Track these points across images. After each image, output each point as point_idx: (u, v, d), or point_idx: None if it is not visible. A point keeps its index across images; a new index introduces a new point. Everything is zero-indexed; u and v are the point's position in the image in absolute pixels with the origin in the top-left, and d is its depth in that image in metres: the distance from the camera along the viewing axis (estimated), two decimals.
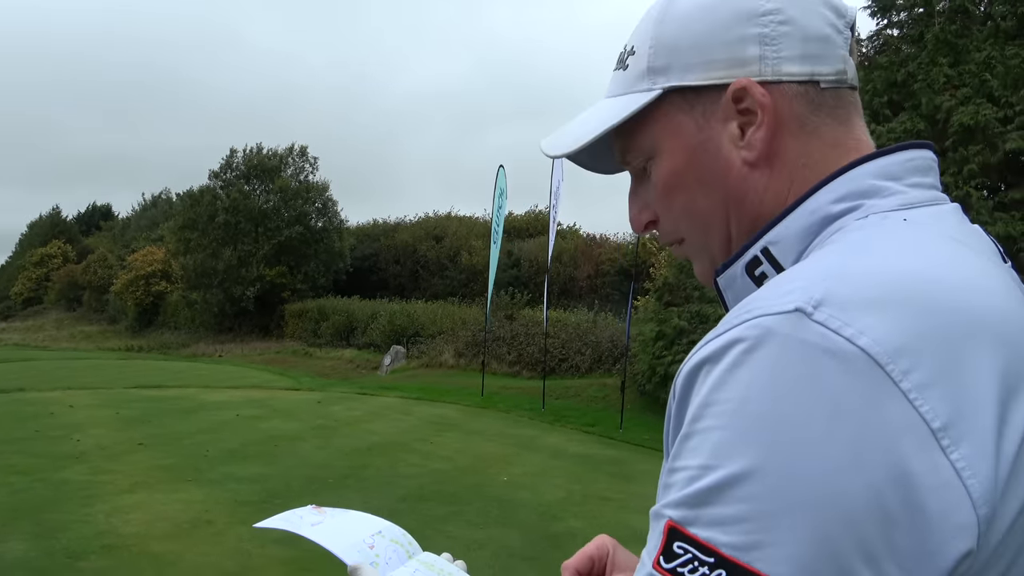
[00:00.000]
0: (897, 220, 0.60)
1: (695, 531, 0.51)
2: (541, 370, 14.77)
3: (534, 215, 31.23)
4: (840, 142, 0.67)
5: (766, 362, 0.51)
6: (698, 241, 0.73)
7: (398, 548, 0.96)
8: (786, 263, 0.64)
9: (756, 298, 0.56)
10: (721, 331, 0.56)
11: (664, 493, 0.55)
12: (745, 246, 0.67)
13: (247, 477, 6.83)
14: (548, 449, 9.14)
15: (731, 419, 0.51)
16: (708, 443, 0.51)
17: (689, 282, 12.61)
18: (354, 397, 13.30)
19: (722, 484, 0.50)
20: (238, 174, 30.72)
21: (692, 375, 0.56)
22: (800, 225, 0.64)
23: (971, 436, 0.49)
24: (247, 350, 24.87)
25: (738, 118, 0.67)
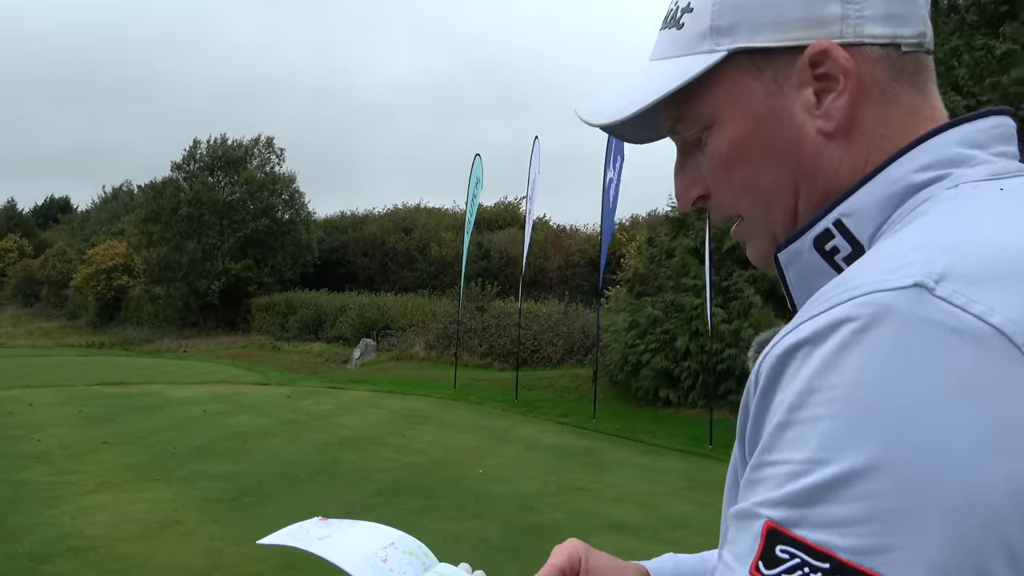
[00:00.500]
0: (993, 190, 0.55)
1: (803, 533, 0.45)
2: (513, 361, 14.75)
3: (503, 206, 31.19)
4: (918, 111, 0.62)
5: (885, 343, 0.45)
6: (759, 218, 0.67)
7: (413, 560, 0.90)
8: (862, 237, 0.59)
9: (860, 273, 0.50)
10: (820, 309, 0.49)
11: (751, 490, 0.49)
12: (815, 218, 0.61)
13: (217, 474, 6.68)
14: (522, 440, 9.12)
15: (844, 407, 0.45)
16: (815, 434, 0.46)
17: (661, 272, 12.68)
18: (324, 391, 13.14)
19: (837, 480, 0.44)
20: (202, 166, 30.15)
21: (784, 359, 0.50)
22: (880, 195, 0.58)
23: None
24: (213, 345, 24.46)
25: (814, 84, 0.61)
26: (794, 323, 0.51)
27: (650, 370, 11.66)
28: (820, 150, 0.62)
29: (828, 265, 0.60)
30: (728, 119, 0.64)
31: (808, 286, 0.61)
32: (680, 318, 11.67)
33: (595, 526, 5.62)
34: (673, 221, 13.39)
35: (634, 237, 20.05)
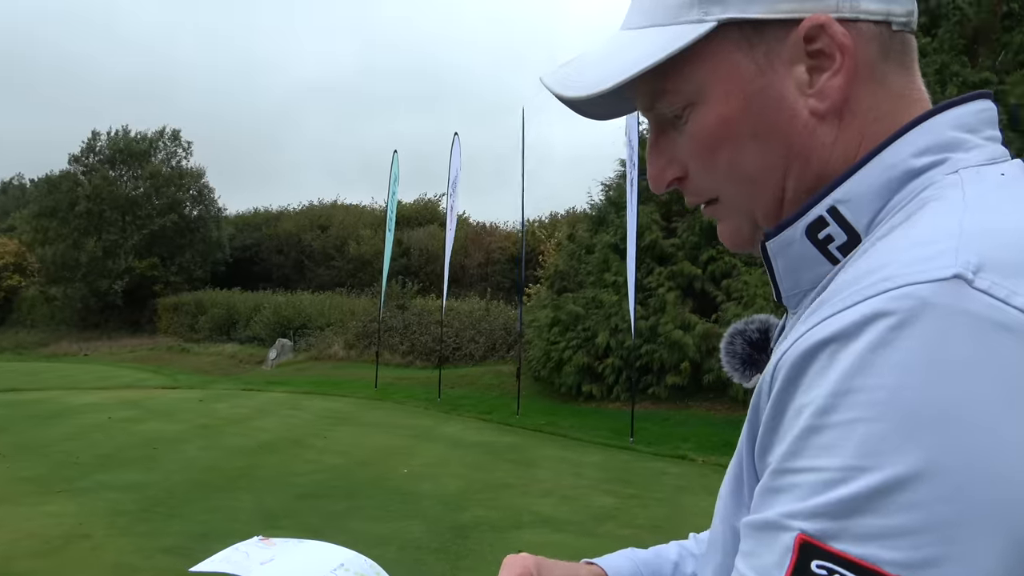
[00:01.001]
0: (995, 175, 0.54)
1: (843, 547, 0.42)
2: (436, 359, 14.65)
3: (423, 203, 30.90)
4: (906, 92, 0.60)
5: (926, 340, 0.42)
6: (741, 202, 0.62)
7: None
8: (859, 225, 0.55)
9: (889, 262, 0.47)
10: (847, 304, 0.46)
11: (772, 498, 0.46)
12: (807, 205, 0.57)
13: (125, 485, 6.33)
14: (446, 439, 9.06)
15: (885, 410, 0.42)
16: (853, 439, 0.42)
17: (582, 268, 12.85)
18: (239, 394, 12.67)
19: (880, 489, 0.41)
20: (102, 159, 28.51)
21: (808, 357, 0.46)
22: (877, 181, 0.55)
23: None
24: (116, 348, 23.20)
25: (807, 61, 0.58)
26: (820, 318, 0.48)
27: (572, 366, 11.81)
28: (813, 131, 0.58)
29: (821, 255, 0.57)
30: (715, 96, 0.60)
31: (797, 277, 0.59)
32: (600, 314, 11.86)
33: (523, 521, 5.63)
34: (593, 218, 13.60)
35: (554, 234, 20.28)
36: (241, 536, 3.78)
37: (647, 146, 0.67)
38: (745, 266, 10.59)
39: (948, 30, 10.27)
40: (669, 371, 10.96)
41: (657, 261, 11.62)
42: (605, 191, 13.49)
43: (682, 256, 11.36)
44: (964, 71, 9.90)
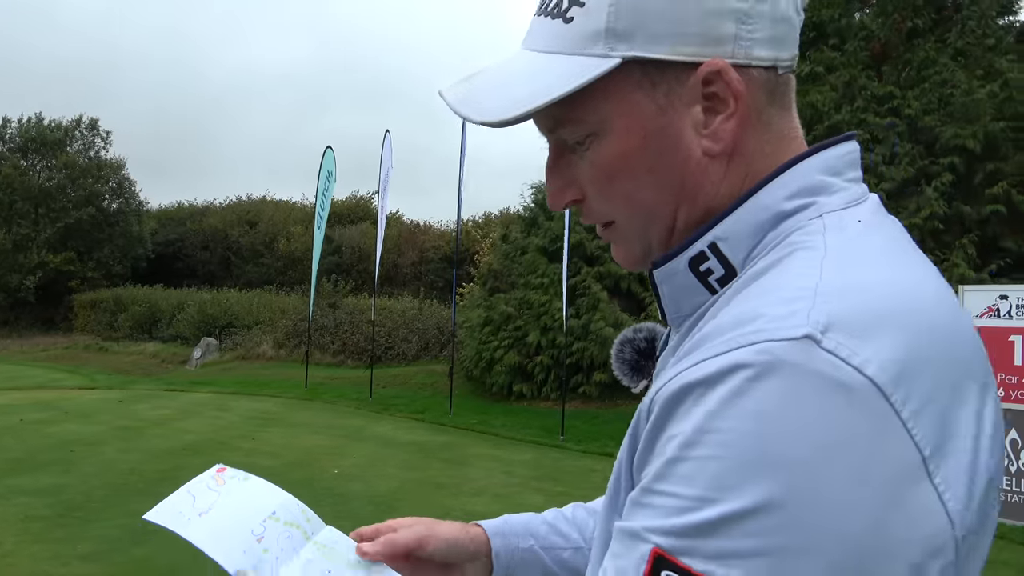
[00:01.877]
0: (853, 222, 0.59)
1: (690, 562, 0.48)
2: (367, 359, 14.51)
3: (355, 201, 30.51)
4: (786, 132, 0.64)
5: (776, 393, 0.48)
6: (635, 228, 0.66)
7: (293, 532, 0.86)
8: (735, 260, 0.60)
9: (755, 315, 0.53)
10: (717, 351, 0.51)
11: (638, 511, 0.53)
12: (690, 239, 0.62)
13: (38, 489, 6.08)
14: (378, 439, 9.02)
15: (736, 451, 0.48)
16: (706, 473, 0.49)
17: (515, 269, 12.97)
18: (161, 394, 12.28)
19: (726, 519, 0.47)
20: (12, 147, 27.06)
21: (680, 396, 0.52)
22: (752, 221, 0.60)
23: (949, 460, 0.50)
24: (28, 346, 22.06)
25: (703, 103, 0.60)
26: (692, 361, 0.53)
27: (504, 365, 11.91)
28: (704, 170, 0.62)
29: (702, 285, 0.62)
30: (616, 130, 0.62)
31: (680, 303, 0.64)
32: (531, 314, 12.01)
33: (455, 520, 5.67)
34: (525, 219, 13.73)
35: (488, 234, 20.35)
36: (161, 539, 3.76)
37: (546, 166, 0.69)
38: None
39: (856, 45, 10.83)
40: (598, 368, 11.18)
41: (585, 261, 11.84)
42: (535, 194, 13.66)
43: (609, 257, 11.59)
44: (871, 84, 10.46)
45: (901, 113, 10.24)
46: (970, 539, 0.53)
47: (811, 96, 10.31)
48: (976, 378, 0.56)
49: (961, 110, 9.67)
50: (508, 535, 0.93)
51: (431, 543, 0.88)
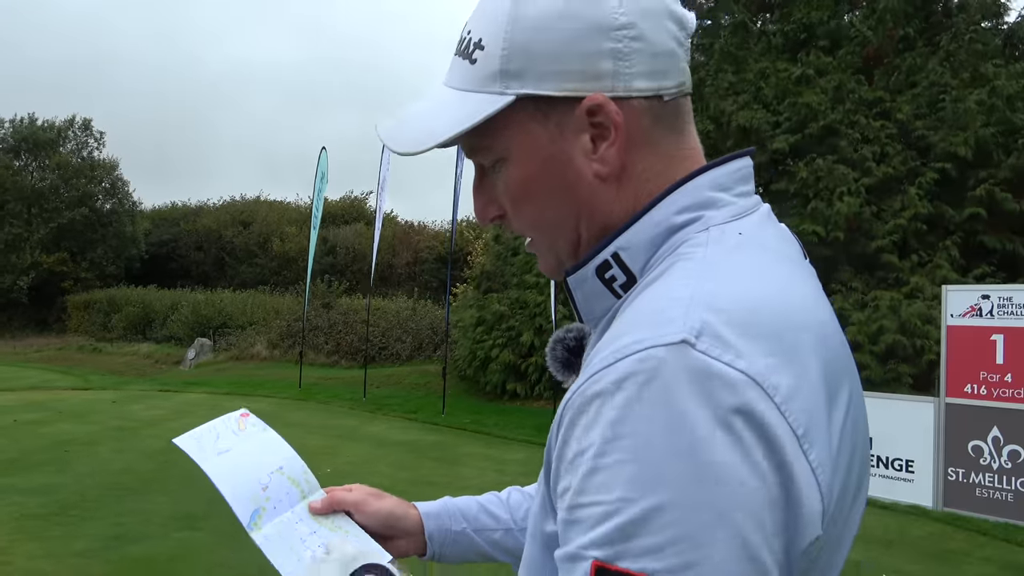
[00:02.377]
0: (734, 234, 0.66)
1: (626, 565, 0.53)
2: (361, 359, 14.55)
3: (350, 201, 30.52)
4: (675, 152, 0.71)
5: (663, 393, 0.54)
6: (547, 243, 0.74)
7: (292, 489, 0.96)
8: (635, 268, 0.68)
9: (638, 325, 0.59)
10: (608, 363, 0.57)
11: (571, 530, 0.57)
12: (596, 249, 0.69)
13: (33, 488, 6.12)
14: (371, 438, 9.08)
15: (641, 452, 0.53)
16: (621, 477, 0.54)
17: (507, 269, 13.04)
18: (155, 395, 12.31)
19: (646, 515, 0.52)
20: (5, 147, 26.99)
21: (583, 407, 0.58)
22: (647, 235, 0.67)
23: (818, 439, 0.57)
24: (21, 347, 22.04)
25: (590, 130, 0.68)
26: (590, 371, 0.59)
27: (498, 364, 11.98)
28: (596, 191, 0.69)
29: (607, 290, 0.69)
30: (517, 158, 0.70)
31: (592, 305, 0.71)
32: (524, 314, 12.08)
33: None
34: None
35: (481, 235, 20.39)
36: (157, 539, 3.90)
37: (472, 186, 0.77)
38: None
39: (848, 51, 10.94)
40: None
41: None
42: None
43: None
44: (860, 89, 10.57)
45: (892, 117, 10.34)
46: (837, 516, 0.60)
47: (806, 96, 10.41)
48: (840, 372, 0.64)
49: (952, 117, 9.78)
50: (442, 517, 1.01)
51: (369, 508, 0.98)
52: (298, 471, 0.99)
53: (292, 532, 0.92)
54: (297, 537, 0.92)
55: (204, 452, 0.96)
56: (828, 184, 9.90)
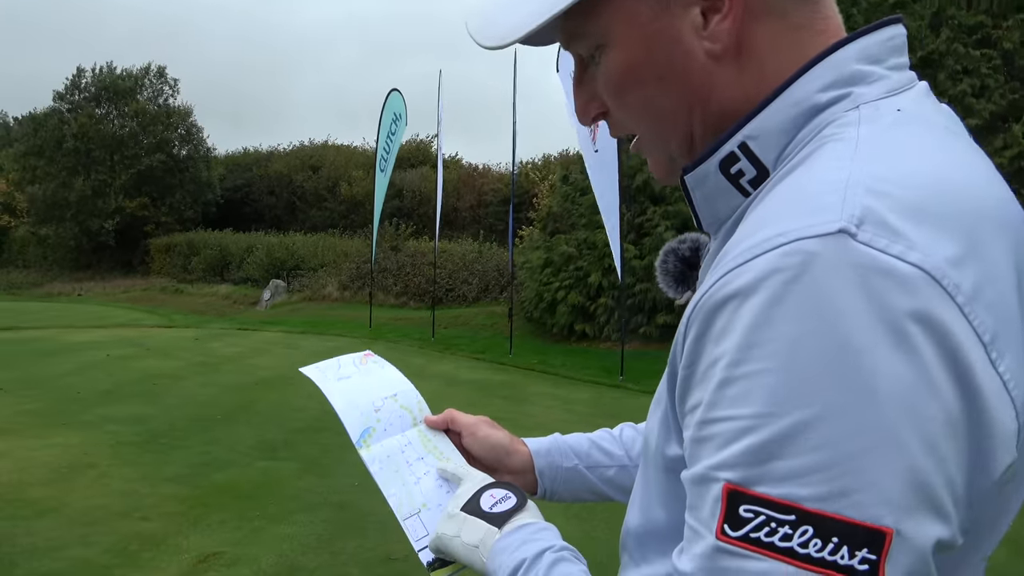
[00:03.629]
0: (891, 111, 0.57)
1: (765, 490, 0.46)
2: (429, 300, 14.77)
3: (415, 144, 30.57)
4: (808, 24, 0.61)
5: (816, 292, 0.46)
6: (655, 138, 0.66)
7: (404, 414, 0.97)
8: (767, 160, 0.58)
9: (781, 216, 0.50)
10: (746, 258, 0.49)
11: (700, 448, 0.50)
12: (720, 140, 0.60)
13: (126, 418, 6.49)
14: (441, 377, 9.24)
15: (787, 360, 0.46)
16: (761, 389, 0.46)
17: (575, 210, 12.87)
18: (234, 333, 12.80)
19: (791, 432, 0.45)
20: (87, 96, 27.96)
21: (715, 311, 0.50)
22: (783, 117, 0.58)
23: (1011, 346, 0.48)
24: (110, 288, 23.24)
25: (700, 2, 0.59)
26: (722, 271, 0.51)
27: (566, 306, 11.95)
28: (711, 73, 0.61)
29: (734, 188, 0.60)
30: (619, 40, 0.62)
31: (714, 207, 0.62)
32: (592, 255, 11.95)
33: None
34: None
35: (547, 176, 20.18)
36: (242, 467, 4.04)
37: (572, 83, 0.70)
38: None
39: None
40: (661, 310, 11.11)
41: (651, 200, 11.66)
42: None
43: (678, 196, 11.40)
44: (960, 14, 9.79)
45: (996, 45, 9.57)
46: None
47: None
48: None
49: None
50: (552, 454, 0.97)
51: (480, 433, 0.95)
52: (412, 400, 1.00)
53: (399, 455, 0.93)
54: (403, 460, 0.92)
55: (326, 377, 0.99)
56: None
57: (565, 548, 0.73)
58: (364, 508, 4.33)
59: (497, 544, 0.74)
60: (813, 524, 0.44)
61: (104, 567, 3.63)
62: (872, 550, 0.44)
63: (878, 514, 0.44)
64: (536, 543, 0.73)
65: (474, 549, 0.76)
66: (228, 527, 4.17)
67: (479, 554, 0.75)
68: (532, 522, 0.77)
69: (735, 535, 0.47)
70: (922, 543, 0.45)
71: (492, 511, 0.78)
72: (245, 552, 3.85)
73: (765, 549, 0.46)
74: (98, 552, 3.78)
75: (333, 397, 0.96)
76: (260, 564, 3.72)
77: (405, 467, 0.91)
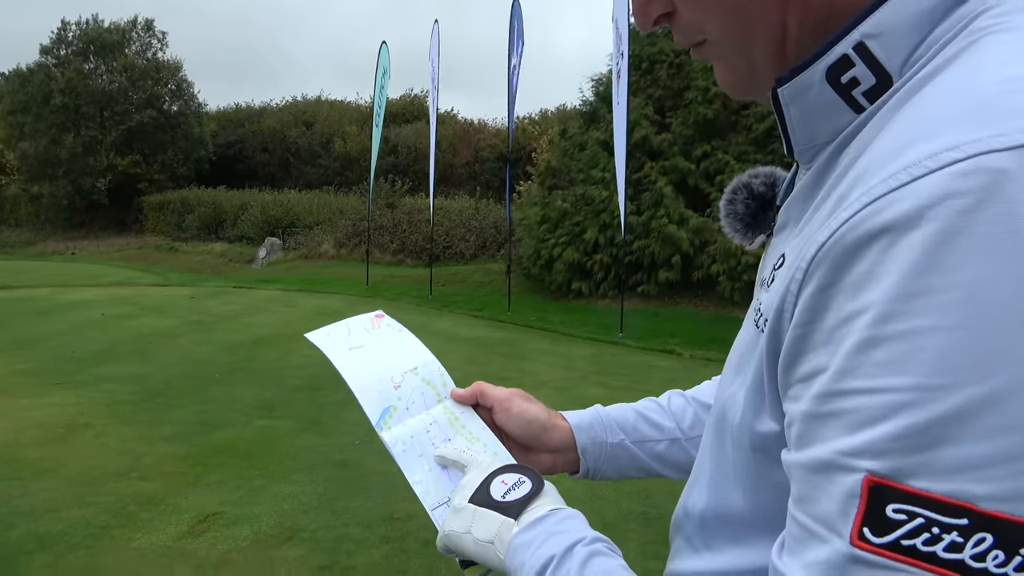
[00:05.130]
0: None
1: (926, 485, 0.35)
2: (426, 258, 14.66)
3: (409, 99, 30.07)
4: None
5: (1010, 225, 0.35)
6: (734, 40, 0.53)
7: (428, 390, 0.88)
8: (891, 65, 0.46)
9: (944, 125, 0.39)
10: (902, 181, 0.38)
11: (823, 427, 0.40)
12: (830, 41, 0.48)
13: (122, 377, 6.43)
14: (440, 334, 9.19)
15: (967, 314, 0.35)
16: (927, 352, 0.35)
17: (574, 165, 12.68)
18: (230, 291, 12.71)
19: (967, 410, 0.34)
20: (74, 50, 27.33)
21: (854, 251, 0.39)
22: (915, 10, 0.45)
23: None
24: (104, 247, 23.06)
25: None
26: (866, 198, 0.39)
27: (562, 263, 11.86)
28: None
29: (844, 101, 0.48)
30: None
31: (814, 127, 0.50)
32: (589, 211, 11.81)
33: None
34: (584, 114, 13.32)
35: (546, 131, 19.90)
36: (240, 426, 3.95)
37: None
38: (738, 163, 10.48)
39: None
40: (661, 266, 11.02)
41: (648, 156, 11.47)
42: (595, 87, 13.15)
43: (676, 151, 11.21)
44: None
45: None
46: None
47: None
48: None
49: None
50: (595, 428, 0.86)
51: (514, 408, 0.84)
52: (435, 373, 0.90)
53: (424, 437, 0.82)
54: (429, 442, 0.82)
55: (335, 346, 0.88)
56: None
57: (598, 539, 0.63)
58: (365, 467, 4.30)
59: (516, 539, 0.65)
60: (993, 531, 0.34)
61: (102, 527, 3.60)
62: None
63: None
64: (564, 535, 0.63)
65: (488, 546, 0.66)
66: (227, 487, 4.14)
67: (494, 550, 0.66)
68: (555, 510, 0.67)
69: (879, 542, 0.36)
70: None
71: (505, 500, 0.68)
72: (245, 512, 3.82)
73: (923, 561, 0.35)
74: (96, 512, 3.75)
75: (346, 372, 0.84)
76: (260, 524, 3.69)
77: (431, 450, 0.81)
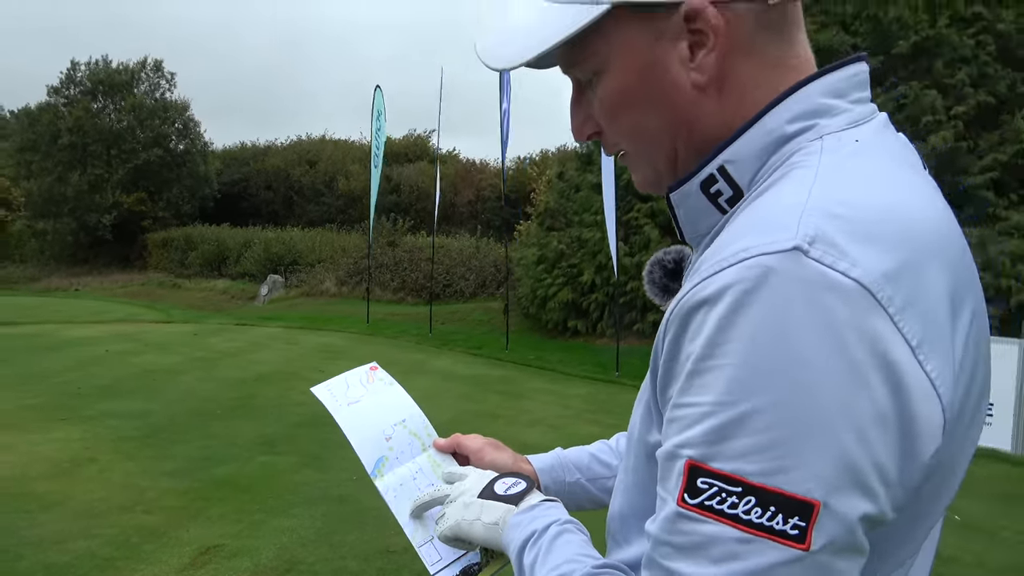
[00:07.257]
0: (850, 142, 0.63)
1: (718, 465, 0.54)
2: (426, 296, 14.83)
3: (412, 139, 30.58)
4: (783, 60, 0.67)
5: (770, 301, 0.53)
6: (642, 156, 0.73)
7: (414, 441, 1.03)
8: (742, 182, 0.65)
9: (746, 234, 0.58)
10: (715, 270, 0.57)
11: (669, 428, 0.59)
12: (701, 163, 0.67)
13: (127, 413, 6.56)
14: (438, 372, 9.31)
15: (743, 357, 0.53)
16: (721, 380, 0.54)
17: (569, 207, 12.93)
18: (232, 328, 12.86)
19: (742, 418, 0.53)
20: (83, 90, 27.90)
21: (689, 314, 0.58)
22: (757, 145, 0.65)
23: (937, 350, 0.55)
24: (107, 283, 23.27)
25: (688, 38, 0.65)
26: (696, 279, 0.59)
27: (557, 303, 12.02)
28: (695, 101, 0.67)
29: (712, 206, 0.67)
30: (615, 68, 0.68)
31: (696, 221, 0.70)
32: (585, 252, 12.02)
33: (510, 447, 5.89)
34: (581, 156, 13.60)
35: (544, 172, 20.21)
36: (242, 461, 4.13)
37: (570, 103, 0.76)
38: None
39: None
40: (651, 309, 11.19)
41: (638, 197, 11.72)
42: None
43: None
44: (956, 3, 9.85)
45: (991, 30, 9.61)
46: (957, 430, 0.59)
47: (893, 10, 9.78)
48: (964, 287, 0.61)
49: None
50: (556, 470, 1.05)
51: (486, 457, 1.02)
52: (420, 425, 1.05)
53: (411, 483, 0.98)
54: (415, 488, 0.98)
55: (336, 402, 1.03)
56: (913, 113, 9.34)
57: (569, 521, 0.82)
58: (363, 502, 4.42)
59: (512, 520, 0.84)
60: (756, 495, 0.53)
61: (107, 559, 3.71)
62: (802, 518, 0.52)
63: (809, 488, 0.52)
64: (545, 517, 0.82)
65: (493, 527, 0.85)
66: (228, 520, 4.25)
67: (497, 531, 0.85)
68: (543, 500, 0.87)
69: (693, 502, 0.55)
70: (848, 515, 0.52)
71: (508, 494, 0.88)
72: (245, 544, 3.93)
73: (716, 515, 0.54)
74: (101, 544, 3.86)
75: (346, 427, 1.00)
76: (260, 556, 3.80)
77: (418, 495, 0.97)
